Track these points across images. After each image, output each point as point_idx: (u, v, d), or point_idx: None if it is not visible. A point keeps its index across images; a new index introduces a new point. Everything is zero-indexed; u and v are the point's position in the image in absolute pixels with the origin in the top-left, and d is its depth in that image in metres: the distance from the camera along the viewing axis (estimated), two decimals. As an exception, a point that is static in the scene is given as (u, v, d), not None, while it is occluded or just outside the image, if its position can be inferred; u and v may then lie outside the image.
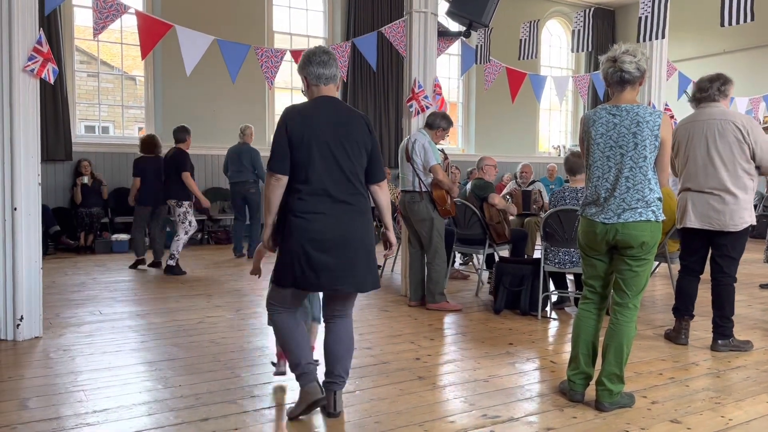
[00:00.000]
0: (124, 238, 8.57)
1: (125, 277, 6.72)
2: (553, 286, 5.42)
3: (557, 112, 14.05)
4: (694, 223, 4.13)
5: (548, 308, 5.27)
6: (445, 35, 6.15)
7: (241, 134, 8.28)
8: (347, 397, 3.22)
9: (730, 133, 3.98)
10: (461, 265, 7.57)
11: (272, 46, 10.20)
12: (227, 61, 5.59)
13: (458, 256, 7.42)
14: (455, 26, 6.73)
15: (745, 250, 4.18)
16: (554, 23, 13.69)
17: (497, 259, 5.75)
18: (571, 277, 5.79)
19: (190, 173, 6.93)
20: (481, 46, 6.98)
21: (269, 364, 3.74)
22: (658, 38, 5.96)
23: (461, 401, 3.24)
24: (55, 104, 8.63)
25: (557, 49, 13.84)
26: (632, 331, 3.12)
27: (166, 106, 9.54)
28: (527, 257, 6.18)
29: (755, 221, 4.10)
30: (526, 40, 7.35)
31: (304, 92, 3.02)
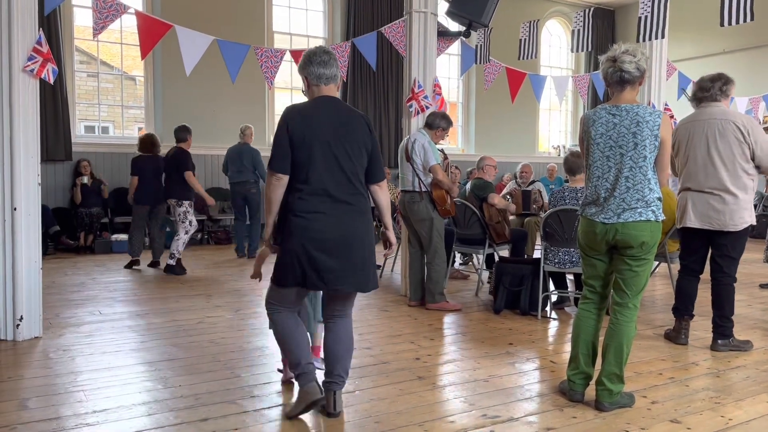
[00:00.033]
0: (123, 238, 8.54)
1: (125, 277, 6.71)
2: (552, 286, 5.42)
3: (557, 112, 14.04)
4: (694, 222, 4.13)
5: (548, 308, 5.27)
6: (445, 35, 6.15)
7: (241, 134, 8.29)
8: (347, 397, 3.22)
9: (730, 132, 3.98)
10: (461, 265, 7.57)
11: (272, 46, 10.20)
12: (227, 61, 5.59)
13: (458, 256, 7.42)
14: (455, 26, 6.72)
15: (745, 250, 4.18)
16: (554, 23, 13.69)
17: (497, 259, 5.75)
18: (571, 277, 5.79)
19: (192, 172, 6.93)
20: (480, 46, 6.98)
21: (269, 364, 3.74)
22: (657, 38, 5.97)
23: (461, 401, 3.24)
24: (54, 104, 8.63)
25: (557, 49, 13.84)
26: (632, 331, 3.12)
27: (165, 106, 9.54)
28: (527, 257, 6.18)
29: (755, 221, 4.10)
30: (525, 40, 7.35)
31: (304, 92, 3.02)
